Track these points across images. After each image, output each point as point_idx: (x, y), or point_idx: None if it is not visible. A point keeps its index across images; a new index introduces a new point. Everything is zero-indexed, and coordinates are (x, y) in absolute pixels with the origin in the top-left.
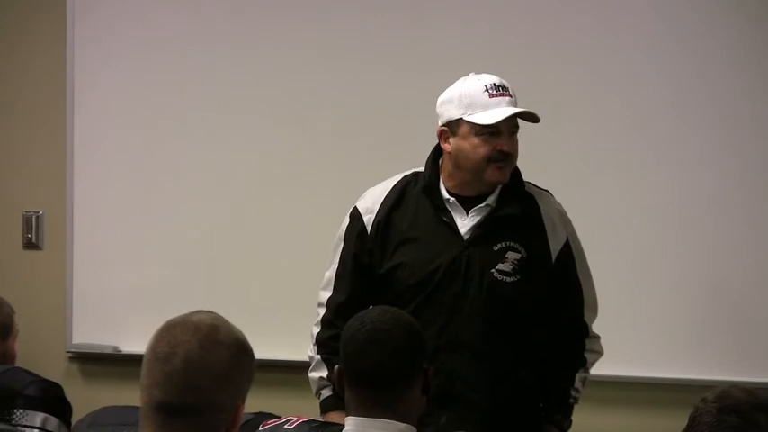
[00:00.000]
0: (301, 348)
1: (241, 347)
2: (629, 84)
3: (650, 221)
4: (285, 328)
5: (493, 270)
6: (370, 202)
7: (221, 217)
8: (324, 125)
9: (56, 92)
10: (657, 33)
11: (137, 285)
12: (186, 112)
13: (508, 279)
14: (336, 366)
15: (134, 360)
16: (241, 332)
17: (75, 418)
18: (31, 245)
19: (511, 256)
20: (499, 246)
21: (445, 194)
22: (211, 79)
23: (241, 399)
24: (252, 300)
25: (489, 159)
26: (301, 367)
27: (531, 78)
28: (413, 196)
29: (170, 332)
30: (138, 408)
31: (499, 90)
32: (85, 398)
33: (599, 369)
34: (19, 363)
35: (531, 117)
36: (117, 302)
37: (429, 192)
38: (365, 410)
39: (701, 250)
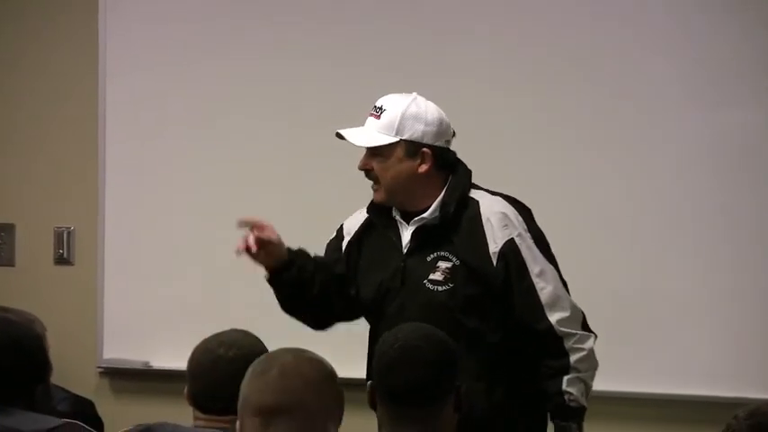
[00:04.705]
0: (340, 364)
1: (332, 371)
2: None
3: (677, 233)
4: (323, 345)
5: (425, 281)
6: (352, 224)
7: None
8: None
9: (87, 107)
10: (666, 34)
11: (168, 301)
12: (220, 127)
13: (440, 288)
14: (368, 383)
15: (165, 376)
16: None
17: None
18: (62, 260)
19: (442, 265)
20: (432, 256)
21: (394, 212)
22: (249, 91)
23: (332, 422)
24: (288, 318)
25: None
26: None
27: (533, 79)
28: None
29: (266, 356)
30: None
31: (372, 109)
32: (116, 414)
33: (630, 386)
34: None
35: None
36: (148, 318)
37: (374, 211)
38: (397, 428)
39: (728, 262)
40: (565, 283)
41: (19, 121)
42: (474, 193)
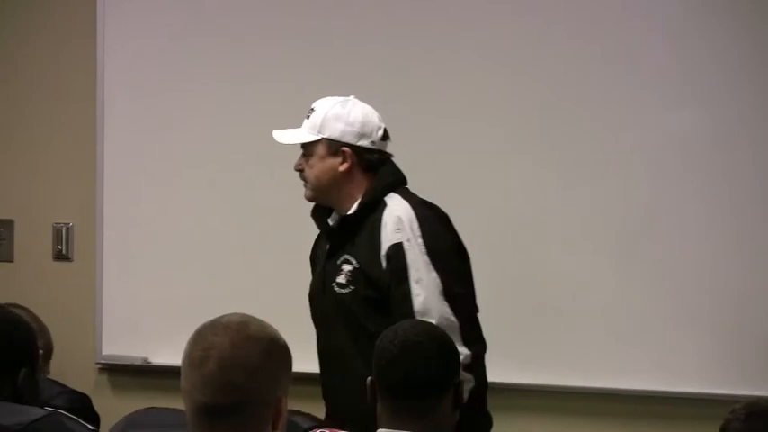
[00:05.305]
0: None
1: (273, 340)
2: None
3: (668, 231)
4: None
5: (333, 283)
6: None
7: (253, 229)
8: None
9: (86, 104)
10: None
11: (166, 297)
12: (219, 125)
13: (343, 291)
14: (369, 378)
15: (163, 371)
16: (272, 327)
17: (103, 430)
18: (61, 256)
19: (345, 267)
20: (340, 259)
21: (332, 213)
22: (249, 89)
23: (282, 390)
24: (285, 312)
25: None
26: None
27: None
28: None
29: (201, 336)
30: (174, 410)
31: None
32: (114, 409)
33: (627, 383)
34: (48, 374)
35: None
36: (146, 314)
37: (315, 217)
38: (396, 422)
39: (726, 260)
40: (453, 296)
41: (18, 117)
42: (389, 197)
